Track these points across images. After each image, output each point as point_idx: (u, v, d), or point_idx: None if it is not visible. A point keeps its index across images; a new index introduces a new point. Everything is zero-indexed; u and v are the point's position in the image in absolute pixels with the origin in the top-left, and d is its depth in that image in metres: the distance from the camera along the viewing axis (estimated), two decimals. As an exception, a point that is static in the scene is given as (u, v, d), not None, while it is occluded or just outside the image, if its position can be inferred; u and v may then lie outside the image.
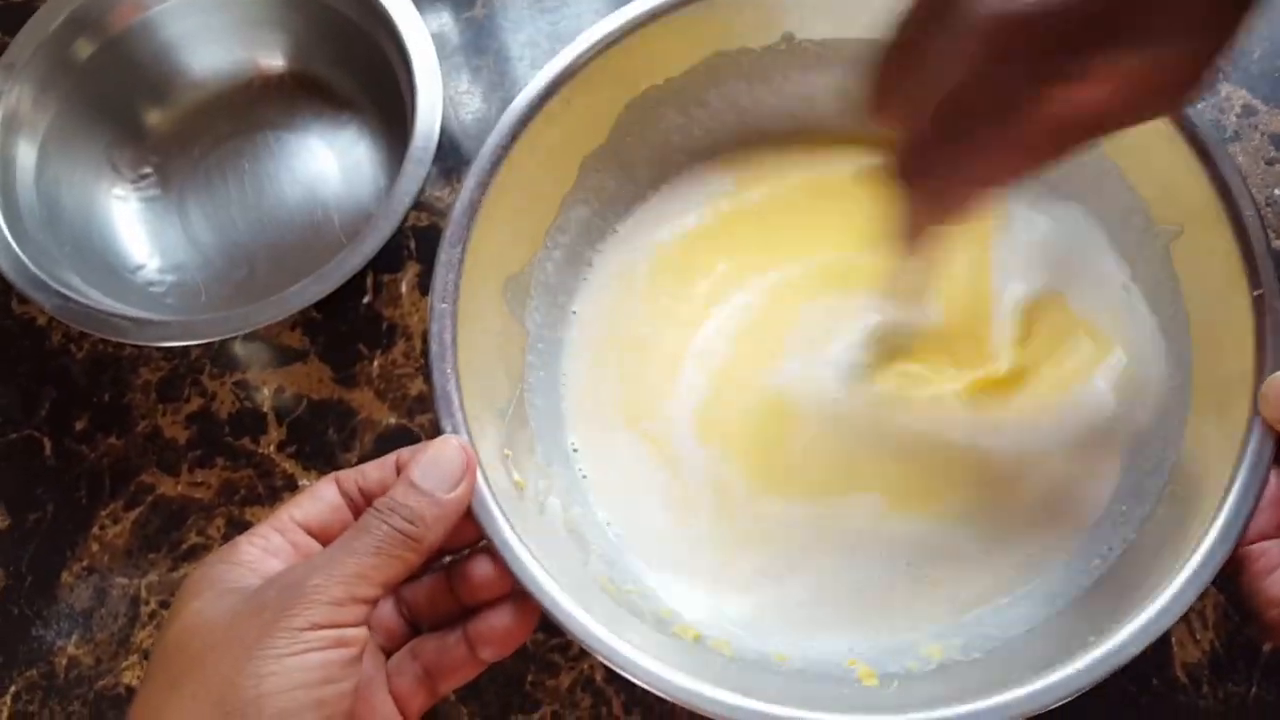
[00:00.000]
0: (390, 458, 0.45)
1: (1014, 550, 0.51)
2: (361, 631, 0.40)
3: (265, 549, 0.42)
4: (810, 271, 0.57)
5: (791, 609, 0.51)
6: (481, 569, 0.45)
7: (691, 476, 0.54)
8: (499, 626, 0.45)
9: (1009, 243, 0.56)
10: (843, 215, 0.58)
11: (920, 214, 0.41)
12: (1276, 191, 0.61)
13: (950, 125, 0.36)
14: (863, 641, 0.50)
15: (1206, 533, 0.43)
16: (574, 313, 0.57)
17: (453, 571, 0.46)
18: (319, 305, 0.56)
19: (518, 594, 0.45)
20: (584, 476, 0.54)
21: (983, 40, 0.34)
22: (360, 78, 0.67)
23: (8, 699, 0.56)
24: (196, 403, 0.61)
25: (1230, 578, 0.43)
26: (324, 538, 0.44)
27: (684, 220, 0.59)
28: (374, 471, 0.45)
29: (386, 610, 0.46)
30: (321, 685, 0.38)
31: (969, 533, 0.51)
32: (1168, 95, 0.35)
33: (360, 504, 0.45)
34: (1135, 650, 0.41)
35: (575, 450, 0.55)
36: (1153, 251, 0.52)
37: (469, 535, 0.45)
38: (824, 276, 0.57)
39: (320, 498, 0.45)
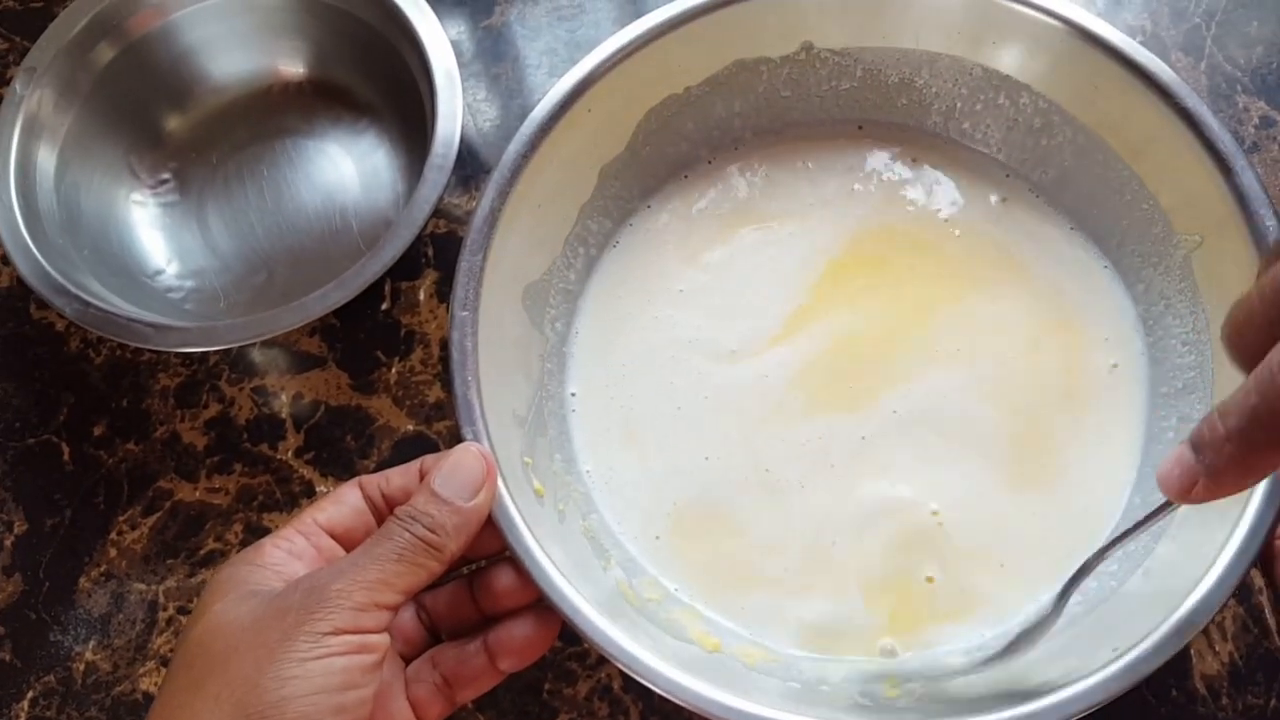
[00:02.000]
0: (414, 464, 0.46)
1: (1034, 562, 0.51)
2: (383, 638, 0.40)
3: (289, 551, 0.42)
4: (828, 285, 0.57)
5: (810, 617, 0.51)
6: (504, 579, 0.45)
7: (704, 486, 0.54)
8: (519, 637, 0.45)
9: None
10: (863, 230, 0.58)
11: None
12: (1295, 203, 0.61)
13: None
14: (883, 651, 0.50)
15: (1227, 545, 0.43)
16: (586, 321, 0.58)
17: (474, 580, 0.46)
18: (337, 312, 0.56)
19: (539, 605, 0.45)
20: (598, 487, 0.54)
21: None
22: (379, 85, 0.67)
23: (25, 704, 0.56)
24: (215, 408, 0.62)
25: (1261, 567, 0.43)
26: (347, 542, 0.44)
27: (701, 229, 0.59)
28: (398, 477, 0.45)
29: (407, 617, 0.46)
30: (343, 690, 0.38)
31: (990, 545, 0.51)
32: None
33: (383, 509, 0.45)
34: (1157, 663, 0.41)
35: (587, 457, 0.55)
36: (1173, 262, 0.52)
37: (492, 545, 0.45)
38: (841, 292, 0.57)
39: (344, 501, 0.45)
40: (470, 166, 0.67)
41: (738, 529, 0.52)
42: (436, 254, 0.64)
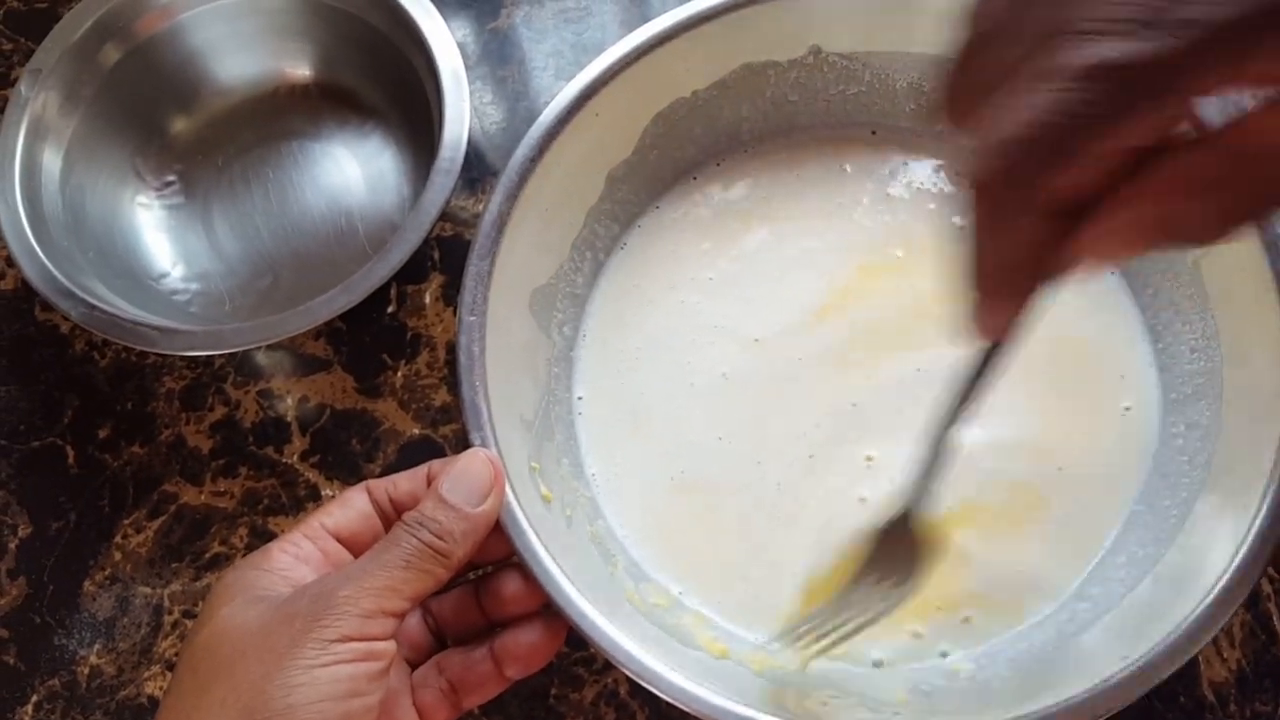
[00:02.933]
0: (422, 469, 0.45)
1: (1037, 564, 0.51)
2: (390, 645, 0.40)
3: (296, 556, 0.42)
4: (836, 291, 0.57)
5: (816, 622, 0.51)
6: (511, 585, 0.45)
7: (711, 492, 0.53)
8: (525, 643, 0.45)
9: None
10: (868, 236, 0.58)
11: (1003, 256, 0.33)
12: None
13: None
14: (890, 655, 0.50)
15: (1238, 552, 0.43)
16: (594, 324, 0.58)
17: (481, 585, 0.46)
18: (343, 315, 0.56)
19: (546, 611, 0.45)
20: (605, 491, 0.54)
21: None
22: (385, 87, 0.67)
23: (29, 708, 0.56)
24: (220, 411, 0.61)
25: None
26: (354, 546, 0.44)
27: (706, 233, 0.59)
28: (405, 482, 0.45)
29: (413, 622, 0.46)
30: (349, 698, 0.38)
31: (993, 547, 0.51)
32: None
33: (390, 514, 0.45)
34: (1166, 672, 0.41)
35: (593, 461, 0.55)
36: (1182, 268, 0.52)
37: (499, 550, 0.45)
38: (848, 298, 0.57)
39: (351, 506, 0.45)
40: (476, 169, 0.66)
41: (737, 519, 0.53)
42: (443, 257, 0.64)
